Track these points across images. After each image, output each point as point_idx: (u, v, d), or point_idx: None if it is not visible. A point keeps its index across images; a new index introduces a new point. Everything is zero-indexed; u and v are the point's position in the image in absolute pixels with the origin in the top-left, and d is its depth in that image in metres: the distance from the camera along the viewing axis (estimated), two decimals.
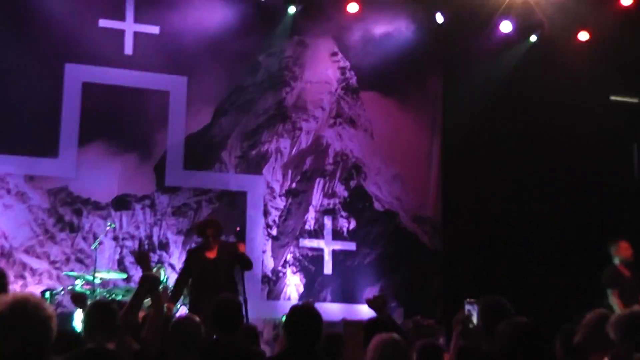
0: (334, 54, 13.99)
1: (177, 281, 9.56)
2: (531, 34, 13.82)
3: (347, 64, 14.01)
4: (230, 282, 9.16)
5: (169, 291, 10.66)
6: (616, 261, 10.16)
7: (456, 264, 13.48)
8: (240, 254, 9.16)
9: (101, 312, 5.07)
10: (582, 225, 13.22)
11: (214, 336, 5.79)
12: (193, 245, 11.48)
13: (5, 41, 12.01)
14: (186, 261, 9.75)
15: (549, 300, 12.21)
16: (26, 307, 3.35)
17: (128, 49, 12.82)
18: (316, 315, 5.07)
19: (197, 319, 5.14)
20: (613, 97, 14.04)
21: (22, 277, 11.58)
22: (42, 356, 3.39)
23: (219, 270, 9.10)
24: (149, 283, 5.65)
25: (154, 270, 11.01)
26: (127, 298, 10.22)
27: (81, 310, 9.59)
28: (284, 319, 5.32)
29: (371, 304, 6.47)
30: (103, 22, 12.66)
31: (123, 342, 5.31)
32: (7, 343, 3.31)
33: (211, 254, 9.20)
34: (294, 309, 5.23)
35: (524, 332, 4.16)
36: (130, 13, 12.83)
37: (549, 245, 13.22)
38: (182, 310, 10.19)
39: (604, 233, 12.39)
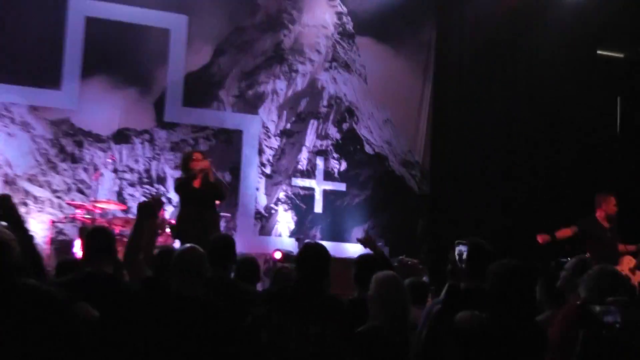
0: None
1: None
2: None
3: (344, 9, 13.94)
4: (211, 211, 9.19)
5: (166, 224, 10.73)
6: (599, 213, 10.09)
7: (442, 208, 13.60)
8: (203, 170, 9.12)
9: (98, 237, 5.11)
10: (566, 173, 13.32)
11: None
12: None
13: None
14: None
15: (529, 244, 12.31)
16: None
17: None
18: (326, 253, 5.20)
19: (201, 250, 5.16)
20: (600, 52, 14.02)
21: (25, 204, 11.60)
22: (7, 274, 3.67)
23: (201, 198, 9.10)
24: (146, 209, 5.67)
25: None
26: (126, 229, 10.33)
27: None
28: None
29: (364, 242, 6.57)
30: None
31: (133, 267, 5.36)
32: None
33: (196, 184, 9.16)
34: (306, 246, 5.36)
35: (514, 273, 4.25)
36: None
37: (533, 192, 13.30)
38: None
39: (587, 181, 12.52)
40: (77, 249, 9.97)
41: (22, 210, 11.32)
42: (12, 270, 3.67)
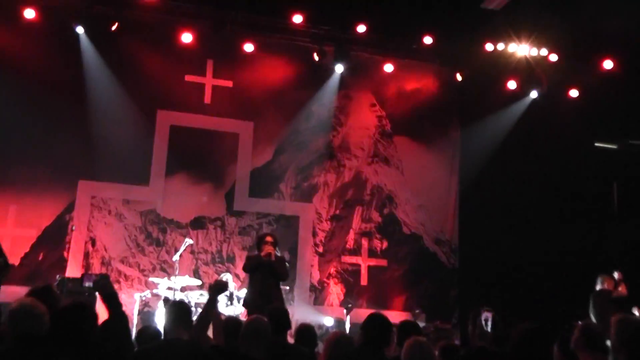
0: (373, 105, 14.03)
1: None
2: (532, 91, 13.81)
3: (383, 113, 14.03)
4: (274, 285, 9.18)
5: (235, 296, 10.72)
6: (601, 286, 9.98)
7: (469, 279, 13.37)
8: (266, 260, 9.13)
9: (178, 310, 5.12)
10: (572, 246, 13.05)
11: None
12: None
13: (111, 91, 12.29)
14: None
15: (544, 309, 12.03)
16: (23, 307, 3.88)
17: (207, 99, 13.00)
18: (388, 324, 5.19)
19: (265, 319, 5.15)
20: (597, 144, 13.92)
21: (118, 282, 11.69)
22: (39, 339, 3.82)
23: (267, 277, 9.11)
24: (215, 289, 5.72)
25: (223, 277, 11.12)
26: (201, 300, 10.33)
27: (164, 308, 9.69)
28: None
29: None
30: (188, 77, 12.92)
31: (202, 336, 5.34)
32: (13, 329, 3.83)
33: (263, 264, 9.18)
34: (372, 316, 5.33)
35: (532, 336, 4.15)
36: (209, 70, 13.04)
37: (546, 265, 13.06)
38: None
39: (591, 255, 12.30)
40: (159, 319, 9.98)
41: (115, 287, 11.53)
42: (36, 339, 3.78)
